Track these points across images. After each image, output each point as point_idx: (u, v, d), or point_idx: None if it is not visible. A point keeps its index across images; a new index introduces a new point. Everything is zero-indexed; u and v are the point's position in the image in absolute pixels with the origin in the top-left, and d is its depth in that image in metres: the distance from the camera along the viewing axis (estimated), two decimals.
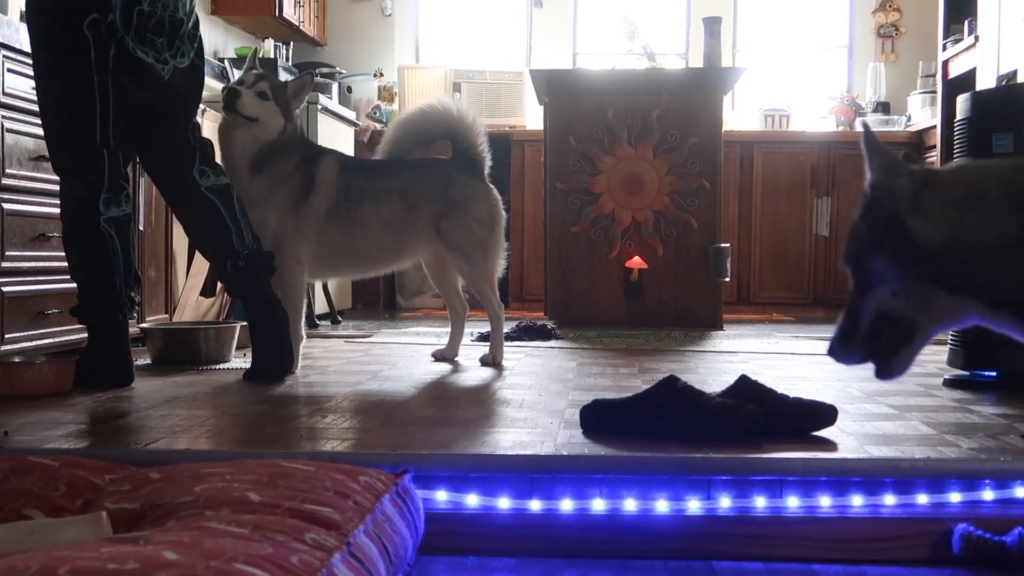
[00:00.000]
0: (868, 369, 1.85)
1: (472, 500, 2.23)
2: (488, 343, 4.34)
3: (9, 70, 3.78)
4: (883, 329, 1.80)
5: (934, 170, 1.80)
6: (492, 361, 4.18)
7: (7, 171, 3.80)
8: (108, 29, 3.32)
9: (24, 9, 3.43)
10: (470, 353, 4.44)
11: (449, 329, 4.46)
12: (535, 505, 2.23)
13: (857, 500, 2.24)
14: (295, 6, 7.96)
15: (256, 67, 4.01)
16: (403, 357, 4.46)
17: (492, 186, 4.25)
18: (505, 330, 5.28)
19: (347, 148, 7.30)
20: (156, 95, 3.48)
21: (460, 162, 4.21)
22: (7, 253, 3.81)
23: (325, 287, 6.50)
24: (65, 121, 3.40)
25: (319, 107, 6.66)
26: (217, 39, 7.74)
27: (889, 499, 2.23)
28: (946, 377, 3.65)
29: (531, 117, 8.29)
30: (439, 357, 4.34)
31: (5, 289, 3.80)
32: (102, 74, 3.34)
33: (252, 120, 3.84)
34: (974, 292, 1.68)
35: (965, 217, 1.68)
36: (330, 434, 2.63)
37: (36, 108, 3.47)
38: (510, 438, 2.57)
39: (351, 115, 7.69)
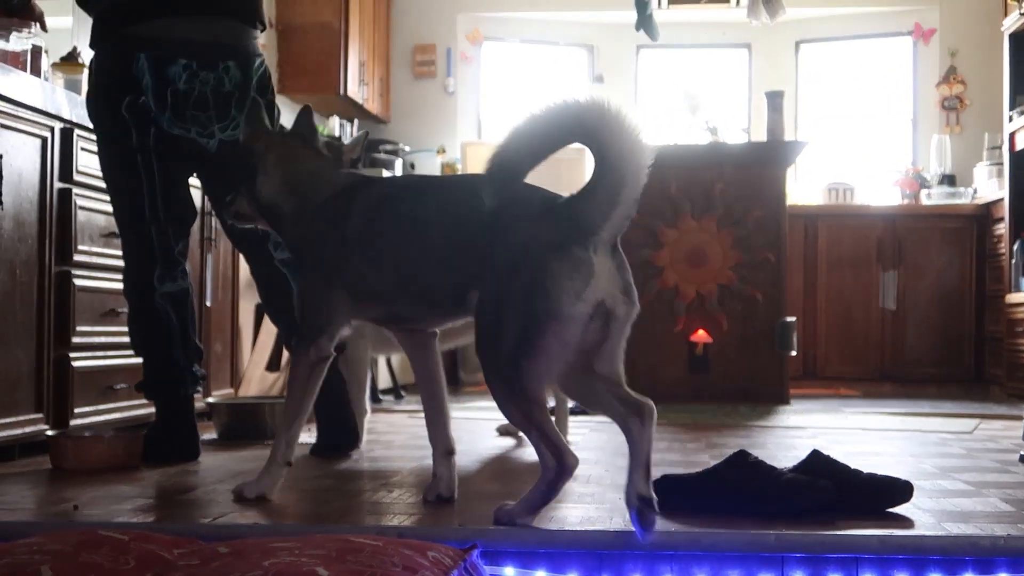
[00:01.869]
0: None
1: None
2: (553, 417, 4.29)
3: (82, 149, 3.86)
4: None
5: None
6: None
7: (79, 247, 3.86)
8: (143, 110, 3.38)
9: None
10: None
11: None
12: None
13: None
14: (359, 84, 8.08)
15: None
16: (467, 432, 4.44)
17: None
18: (569, 405, 5.25)
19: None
20: (203, 169, 3.53)
21: None
22: (78, 328, 3.86)
23: (388, 362, 6.51)
24: (118, 200, 3.47)
25: None
26: (283, 117, 7.86)
27: None
28: (1022, 453, 3.57)
29: None
30: (504, 432, 4.31)
31: (75, 364, 3.85)
32: (144, 153, 3.41)
33: None
34: None
35: None
36: (396, 509, 2.62)
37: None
38: (578, 513, 2.54)
39: None
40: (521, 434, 4.24)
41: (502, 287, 2.32)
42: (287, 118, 8.02)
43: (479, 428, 4.57)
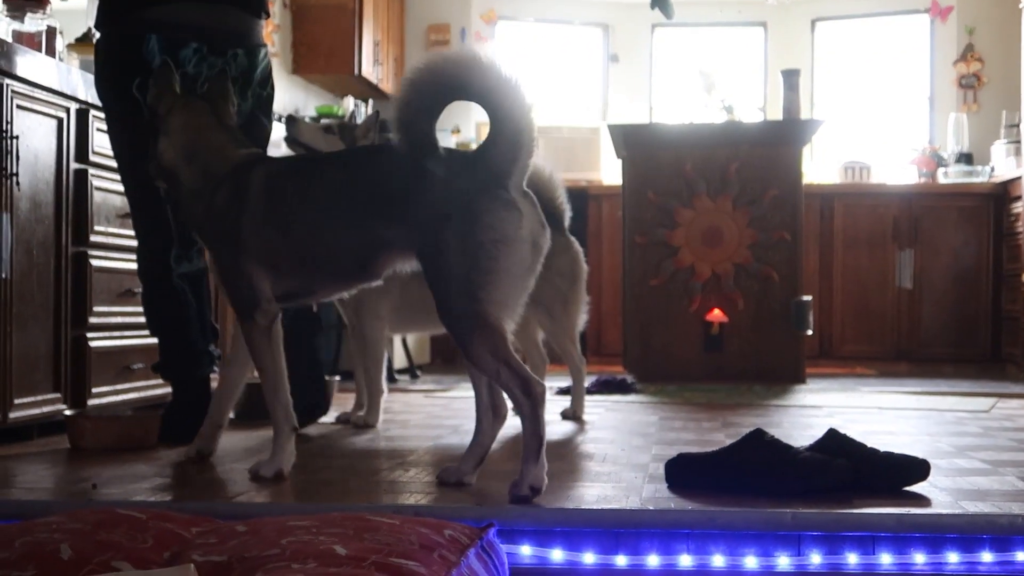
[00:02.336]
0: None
1: (557, 555, 2.21)
2: (568, 397, 4.31)
3: (98, 129, 3.86)
4: None
5: None
6: (573, 415, 4.15)
7: (95, 228, 3.87)
8: None
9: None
10: (550, 407, 4.40)
11: None
12: (621, 560, 2.20)
13: (953, 557, 2.18)
14: (374, 64, 8.06)
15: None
16: None
17: (573, 239, 4.23)
18: (584, 384, 5.25)
19: None
20: None
21: (545, 212, 4.19)
22: (94, 308, 3.87)
23: (404, 342, 6.52)
24: (131, 181, 3.47)
25: None
26: (298, 98, 7.86)
27: (987, 556, 2.17)
28: None
29: (607, 171, 8.30)
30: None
31: (92, 344, 3.86)
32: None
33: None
34: None
35: None
36: (413, 488, 2.62)
37: None
38: (594, 492, 2.54)
39: None
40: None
41: (441, 236, 2.48)
42: (302, 99, 8.01)
43: None
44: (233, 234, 2.78)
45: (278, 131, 4.05)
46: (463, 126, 8.81)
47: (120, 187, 3.63)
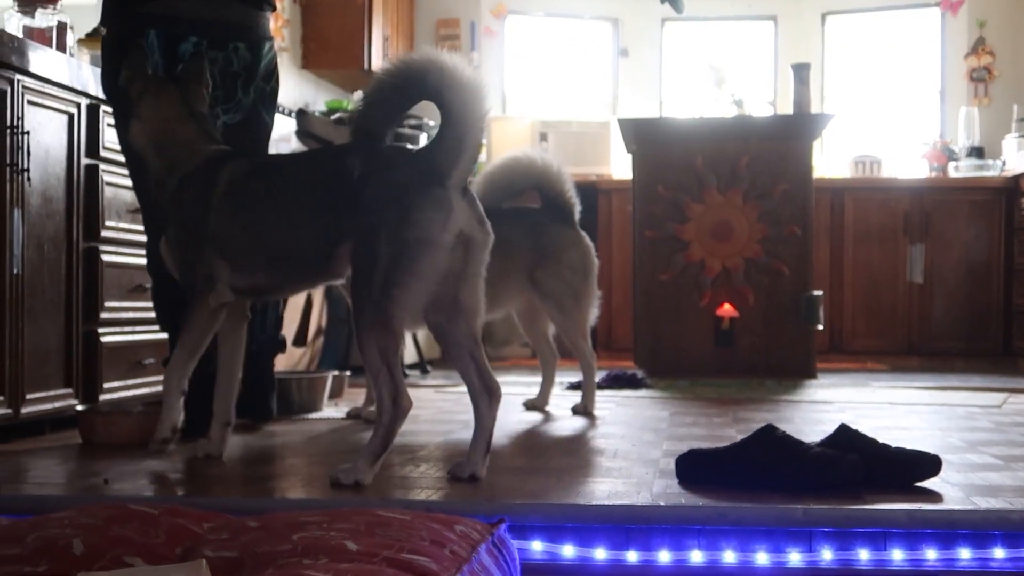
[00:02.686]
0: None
1: (568, 551, 2.21)
2: (579, 392, 4.31)
3: (109, 125, 3.86)
4: None
5: None
6: (584, 410, 4.15)
7: (106, 223, 3.88)
8: None
9: None
10: (561, 402, 4.42)
11: (540, 378, 4.43)
12: (632, 556, 2.20)
13: (965, 553, 2.17)
14: (383, 59, 8.06)
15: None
16: None
17: (584, 234, 4.23)
18: (596, 379, 5.24)
19: None
20: None
21: (551, 211, 4.21)
22: (106, 304, 3.87)
23: (415, 337, 6.52)
24: (135, 176, 3.46)
25: None
26: (307, 93, 7.86)
27: (999, 552, 2.17)
28: None
29: (617, 166, 8.29)
30: (530, 406, 4.32)
31: (103, 339, 3.87)
32: None
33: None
34: None
35: None
36: (424, 483, 2.62)
37: None
38: (605, 488, 2.54)
39: None
40: (548, 408, 4.25)
41: (372, 226, 2.58)
42: (311, 94, 7.99)
43: (506, 402, 4.54)
44: (199, 230, 2.87)
45: (283, 126, 4.05)
46: None
47: (130, 182, 3.64)
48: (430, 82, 2.59)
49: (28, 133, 3.43)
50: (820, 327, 6.06)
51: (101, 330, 3.86)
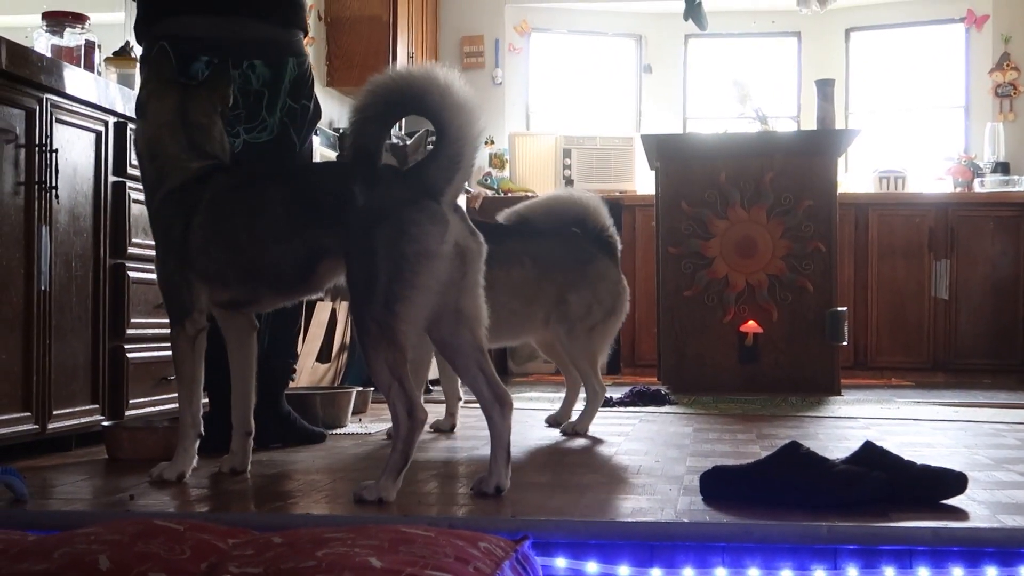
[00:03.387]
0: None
1: (592, 567, 2.20)
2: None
3: (135, 142, 3.89)
4: None
5: None
6: (572, 431, 4.05)
7: (133, 240, 3.90)
8: None
9: None
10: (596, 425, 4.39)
11: (563, 394, 4.41)
12: (656, 573, 2.20)
13: (991, 572, 2.16)
14: None
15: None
16: (516, 422, 4.40)
17: (623, 277, 4.17)
18: (618, 395, 5.23)
19: None
20: None
21: (597, 242, 4.15)
22: (132, 320, 3.90)
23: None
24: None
25: None
26: (332, 110, 7.90)
27: None
28: None
29: (641, 182, 8.30)
30: (552, 422, 4.31)
31: (130, 355, 3.89)
32: None
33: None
34: None
35: None
36: (447, 499, 2.63)
37: None
38: (629, 504, 2.54)
39: None
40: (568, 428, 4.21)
41: (369, 239, 2.59)
42: (336, 111, 8.03)
43: (529, 419, 4.58)
44: (179, 246, 2.90)
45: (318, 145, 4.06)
46: (497, 138, 8.83)
47: None
48: (430, 101, 2.59)
49: (56, 151, 3.46)
50: (844, 343, 6.03)
51: (127, 346, 3.88)
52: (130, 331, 3.89)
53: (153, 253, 3.96)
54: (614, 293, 4.09)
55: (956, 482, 2.59)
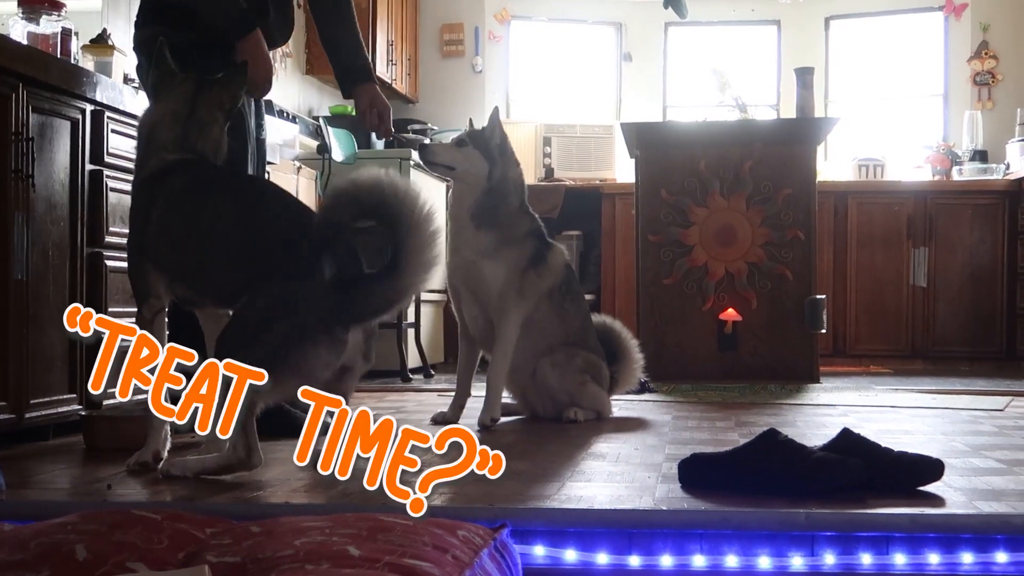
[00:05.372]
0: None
1: (570, 555, 2.21)
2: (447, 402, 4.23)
3: (113, 131, 3.87)
4: None
5: None
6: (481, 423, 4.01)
7: (110, 229, 3.88)
8: None
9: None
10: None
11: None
12: (634, 561, 2.20)
13: (967, 558, 2.17)
14: (387, 64, 8.07)
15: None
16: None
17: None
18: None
19: (439, 203, 7.35)
20: None
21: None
22: (110, 309, 3.87)
23: (418, 341, 6.53)
24: None
25: (411, 163, 6.72)
26: (312, 98, 7.88)
27: (1001, 556, 2.17)
28: None
29: (621, 170, 8.30)
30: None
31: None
32: None
33: (449, 168, 3.95)
34: None
35: None
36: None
37: None
38: (607, 492, 2.55)
39: None
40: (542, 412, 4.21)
41: (269, 316, 2.65)
42: (316, 99, 7.98)
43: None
44: (140, 234, 2.95)
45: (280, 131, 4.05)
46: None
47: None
48: (399, 230, 2.61)
49: (32, 139, 3.44)
50: (823, 331, 6.05)
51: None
52: None
53: None
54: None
55: (933, 469, 2.60)
